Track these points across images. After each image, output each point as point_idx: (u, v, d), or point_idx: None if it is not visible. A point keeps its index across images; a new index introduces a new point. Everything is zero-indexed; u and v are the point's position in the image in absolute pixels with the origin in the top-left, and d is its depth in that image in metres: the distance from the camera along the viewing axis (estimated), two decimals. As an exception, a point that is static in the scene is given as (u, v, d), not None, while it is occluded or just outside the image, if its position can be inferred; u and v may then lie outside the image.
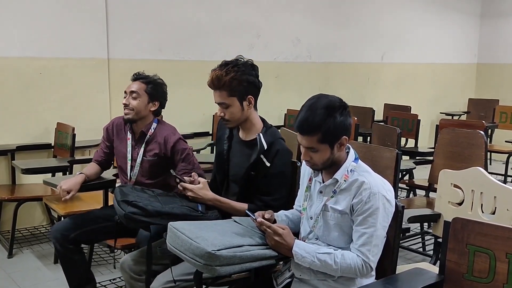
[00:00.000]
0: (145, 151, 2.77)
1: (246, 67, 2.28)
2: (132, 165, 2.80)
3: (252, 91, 2.31)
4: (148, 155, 2.77)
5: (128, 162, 2.81)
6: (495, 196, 2.27)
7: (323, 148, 1.87)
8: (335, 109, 1.86)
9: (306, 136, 1.86)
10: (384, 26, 6.69)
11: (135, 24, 4.62)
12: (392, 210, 1.88)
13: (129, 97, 2.75)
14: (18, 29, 4.05)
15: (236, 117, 2.32)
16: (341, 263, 1.83)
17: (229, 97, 2.27)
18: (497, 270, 1.65)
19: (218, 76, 2.24)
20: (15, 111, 4.11)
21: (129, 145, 2.82)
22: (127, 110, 2.76)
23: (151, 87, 2.78)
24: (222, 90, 2.26)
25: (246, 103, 2.30)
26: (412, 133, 5.08)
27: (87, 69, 4.39)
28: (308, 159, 1.92)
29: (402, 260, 3.68)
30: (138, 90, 2.75)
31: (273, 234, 1.87)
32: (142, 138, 2.79)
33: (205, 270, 1.78)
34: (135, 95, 2.75)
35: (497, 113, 6.28)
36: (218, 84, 2.26)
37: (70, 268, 2.72)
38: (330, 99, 1.89)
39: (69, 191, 2.74)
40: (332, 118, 1.84)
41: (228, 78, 2.23)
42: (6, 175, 4.11)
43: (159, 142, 2.76)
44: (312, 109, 1.85)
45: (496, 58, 7.80)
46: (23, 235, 4.09)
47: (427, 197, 3.76)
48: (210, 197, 2.30)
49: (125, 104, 2.75)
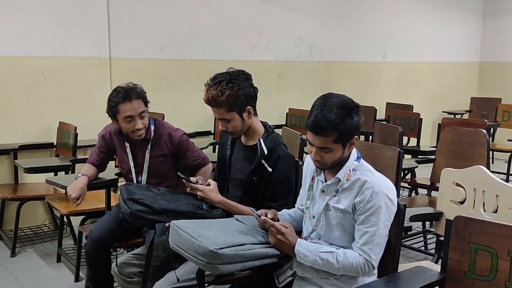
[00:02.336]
0: (151, 156, 2.77)
1: (239, 81, 2.26)
2: (137, 171, 2.81)
3: (249, 102, 2.31)
4: (155, 158, 2.77)
5: (133, 169, 2.81)
6: (497, 194, 2.27)
7: (336, 148, 1.86)
8: (351, 109, 1.85)
9: (321, 136, 1.83)
10: (386, 25, 6.68)
11: (137, 23, 4.63)
12: (394, 209, 1.88)
13: (138, 120, 2.70)
14: (20, 29, 4.06)
15: (239, 128, 2.33)
16: (343, 262, 1.83)
17: (228, 113, 2.27)
18: (499, 268, 1.65)
19: (214, 97, 2.23)
20: (17, 111, 4.12)
21: (129, 153, 2.82)
22: (142, 131, 2.73)
23: (144, 98, 2.76)
24: (220, 107, 2.26)
25: (246, 114, 2.31)
26: (414, 132, 5.08)
27: (89, 68, 4.40)
28: (318, 159, 1.89)
29: (404, 258, 3.68)
30: (143, 108, 2.72)
31: (276, 232, 1.86)
32: (145, 144, 2.79)
33: (207, 269, 1.79)
34: (143, 114, 2.72)
35: (499, 112, 6.28)
36: (215, 103, 2.26)
37: (97, 273, 2.69)
38: (344, 99, 1.87)
39: (79, 198, 2.74)
40: (350, 118, 1.83)
41: (225, 97, 2.22)
42: (9, 174, 4.12)
43: (164, 141, 2.76)
44: (327, 108, 1.82)
45: (498, 57, 7.79)
46: (25, 234, 4.10)
47: (429, 196, 3.76)
48: (219, 199, 2.30)
49: (139, 128, 2.71)
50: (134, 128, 2.70)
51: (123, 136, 2.83)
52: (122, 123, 2.72)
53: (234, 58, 5.15)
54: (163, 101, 4.77)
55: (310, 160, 2.01)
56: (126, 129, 2.74)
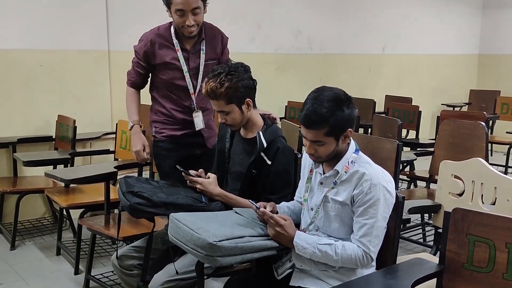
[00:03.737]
0: (206, 57, 2.73)
1: (238, 73, 2.27)
2: (191, 75, 2.75)
3: (249, 94, 2.31)
4: (208, 60, 2.73)
5: (186, 74, 2.74)
6: (496, 186, 2.28)
7: (329, 141, 1.87)
8: (342, 102, 1.85)
9: (312, 130, 1.85)
10: (385, 17, 6.67)
11: (136, 16, 4.61)
12: (393, 201, 1.89)
13: (190, 16, 2.61)
14: (18, 22, 4.04)
15: (238, 121, 2.33)
16: (342, 254, 1.84)
17: (227, 105, 2.28)
18: (497, 260, 1.65)
19: (213, 89, 2.24)
20: (16, 104, 4.11)
21: (181, 56, 2.74)
22: (193, 29, 2.63)
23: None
24: (220, 100, 2.27)
25: (245, 106, 2.31)
26: (413, 124, 5.08)
27: (88, 61, 4.39)
28: (312, 152, 1.91)
29: (403, 251, 3.70)
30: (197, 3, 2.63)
31: (274, 224, 1.87)
32: (197, 44, 2.71)
33: (207, 261, 1.79)
34: (197, 10, 2.63)
35: (498, 104, 6.27)
36: (215, 96, 2.26)
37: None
38: (335, 92, 1.88)
39: (146, 151, 2.77)
40: (340, 111, 1.84)
41: (224, 89, 2.23)
42: (8, 167, 4.12)
43: (216, 42, 2.75)
44: (318, 102, 1.84)
45: (497, 49, 7.77)
46: (25, 227, 4.11)
47: (427, 188, 3.77)
48: (218, 192, 2.31)
49: (190, 25, 2.61)
50: (185, 23, 2.61)
51: (170, 38, 2.73)
52: (173, 15, 2.66)
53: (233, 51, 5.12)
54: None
55: (308, 153, 2.01)
56: (176, 23, 2.67)
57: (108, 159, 4.00)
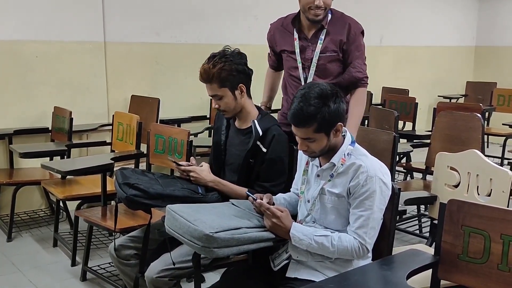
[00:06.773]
0: (321, 49, 2.62)
1: (233, 57, 2.28)
2: (304, 66, 2.69)
3: (242, 80, 2.31)
4: (325, 52, 2.63)
5: (299, 64, 2.69)
6: (491, 178, 2.28)
7: (320, 137, 1.88)
8: (328, 97, 1.85)
9: (301, 128, 1.87)
10: (383, 8, 6.64)
11: (132, 7, 4.58)
12: (389, 193, 1.90)
13: None
14: (14, 12, 4.01)
15: (231, 106, 2.33)
16: (338, 246, 1.85)
17: (220, 88, 2.27)
18: (492, 251, 1.66)
19: (206, 69, 2.25)
20: (12, 95, 4.09)
21: (297, 46, 2.67)
22: (320, 11, 2.50)
23: None
24: (213, 82, 2.26)
25: (238, 92, 2.31)
26: (409, 116, 5.09)
27: (84, 53, 4.36)
28: (305, 149, 1.92)
29: (399, 242, 3.71)
30: None
31: (271, 216, 1.88)
32: (319, 32, 2.62)
33: (203, 252, 1.80)
34: None
35: (495, 96, 6.28)
36: (208, 77, 2.26)
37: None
38: (321, 88, 1.88)
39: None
40: (326, 107, 1.84)
41: (216, 69, 2.23)
42: (4, 159, 4.11)
43: (340, 32, 2.59)
44: (304, 100, 1.85)
45: (494, 41, 7.77)
46: (22, 219, 4.11)
47: (424, 180, 3.78)
48: (212, 178, 2.32)
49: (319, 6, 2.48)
50: (313, 3, 2.47)
51: (291, 25, 2.66)
52: None
53: (230, 42, 5.09)
54: (158, 86, 4.75)
55: (306, 145, 2.01)
56: (303, 3, 2.54)
57: (105, 151, 3.99)
